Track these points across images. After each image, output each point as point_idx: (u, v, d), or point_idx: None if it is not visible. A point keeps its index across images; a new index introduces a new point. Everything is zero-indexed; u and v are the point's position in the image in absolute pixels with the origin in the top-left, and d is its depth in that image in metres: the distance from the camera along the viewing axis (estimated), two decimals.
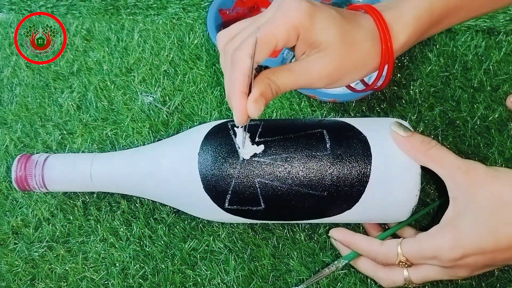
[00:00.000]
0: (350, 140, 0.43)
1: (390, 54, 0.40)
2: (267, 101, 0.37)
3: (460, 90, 0.56)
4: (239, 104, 0.36)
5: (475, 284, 0.46)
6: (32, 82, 0.58)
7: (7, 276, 0.47)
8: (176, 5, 0.64)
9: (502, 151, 0.52)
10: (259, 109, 0.36)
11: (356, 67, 0.40)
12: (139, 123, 0.55)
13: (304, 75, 0.38)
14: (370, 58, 0.40)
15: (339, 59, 0.38)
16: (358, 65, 0.40)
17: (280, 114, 0.55)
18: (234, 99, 0.36)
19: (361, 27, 0.39)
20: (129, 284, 0.47)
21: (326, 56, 0.38)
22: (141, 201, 0.51)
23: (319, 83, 0.39)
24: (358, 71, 0.40)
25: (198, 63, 0.59)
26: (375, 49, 0.40)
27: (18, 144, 0.54)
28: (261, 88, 0.36)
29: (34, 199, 0.51)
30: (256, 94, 0.36)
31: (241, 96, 0.36)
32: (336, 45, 0.38)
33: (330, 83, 0.39)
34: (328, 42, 0.37)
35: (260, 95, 0.36)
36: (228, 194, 0.42)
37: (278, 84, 0.37)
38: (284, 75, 0.38)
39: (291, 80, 0.38)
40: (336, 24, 0.38)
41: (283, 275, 0.47)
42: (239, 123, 0.37)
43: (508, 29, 0.60)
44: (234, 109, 0.37)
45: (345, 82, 0.41)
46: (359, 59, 0.39)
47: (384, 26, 0.39)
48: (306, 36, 0.37)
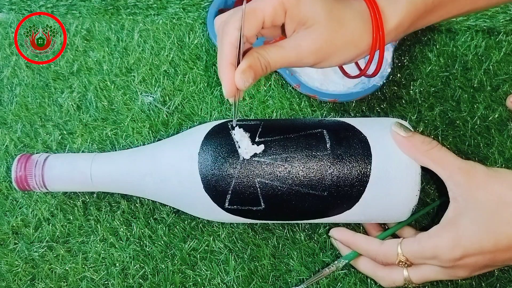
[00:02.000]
0: (350, 140, 0.43)
1: (382, 36, 0.40)
2: (256, 74, 0.37)
3: (460, 90, 0.56)
4: (227, 75, 0.37)
5: (475, 284, 0.46)
6: (32, 82, 0.58)
7: (7, 276, 0.47)
8: (176, 5, 0.64)
9: (502, 151, 0.52)
10: (246, 80, 0.37)
11: (345, 45, 0.40)
12: (139, 123, 0.55)
13: (293, 51, 0.39)
14: (360, 37, 0.40)
15: (327, 35, 0.38)
16: (348, 43, 0.40)
17: (280, 114, 0.55)
18: (222, 70, 0.37)
19: (351, 6, 0.40)
20: (129, 284, 0.47)
21: (314, 31, 0.38)
22: (141, 201, 0.51)
23: (308, 58, 0.39)
24: (348, 49, 0.40)
25: (198, 63, 0.59)
26: (365, 29, 0.40)
27: (18, 144, 0.54)
28: (249, 60, 0.37)
29: (34, 199, 0.51)
30: (243, 65, 0.37)
31: (229, 67, 0.37)
32: (324, 21, 0.38)
33: (320, 59, 0.40)
34: (316, 18, 0.38)
35: (248, 66, 0.37)
36: (228, 194, 0.42)
37: (267, 59, 0.38)
38: (274, 50, 0.38)
39: (280, 55, 0.38)
40: (324, 1, 0.38)
41: (283, 275, 0.47)
42: (227, 95, 0.38)
43: (508, 29, 0.60)
44: (222, 80, 0.38)
45: (336, 61, 0.41)
46: (348, 37, 0.39)
47: (375, 7, 0.39)
48: (293, 13, 0.38)
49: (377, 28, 0.40)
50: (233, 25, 0.37)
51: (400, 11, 0.40)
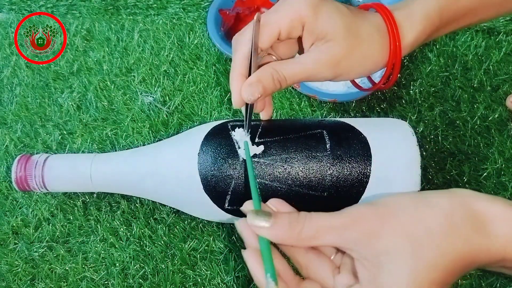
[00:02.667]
0: (350, 140, 0.43)
1: (399, 51, 0.40)
2: (266, 89, 0.37)
3: (460, 90, 0.56)
4: (235, 85, 0.37)
5: (475, 284, 0.46)
6: (32, 82, 0.58)
7: (7, 276, 0.48)
8: (176, 5, 0.64)
9: (502, 151, 0.52)
10: (252, 93, 0.37)
11: (363, 60, 0.39)
12: (139, 123, 0.55)
13: (311, 65, 0.38)
14: (378, 52, 0.40)
15: (346, 49, 0.38)
16: (366, 57, 0.39)
17: (280, 114, 0.55)
18: (232, 80, 0.38)
19: (369, 21, 0.40)
20: (129, 284, 0.47)
21: (334, 46, 0.38)
22: (141, 201, 0.51)
23: (326, 72, 0.39)
24: (365, 64, 0.40)
25: (198, 63, 0.59)
26: (383, 44, 0.39)
27: (18, 144, 0.54)
28: (260, 74, 0.37)
29: (34, 199, 0.51)
30: (252, 78, 0.37)
31: (239, 77, 0.37)
32: (343, 36, 0.38)
33: (338, 74, 0.39)
34: (334, 32, 0.38)
35: (257, 80, 0.37)
36: (228, 195, 0.42)
37: (283, 74, 0.38)
38: (291, 65, 0.38)
39: (298, 69, 0.38)
40: (342, 15, 0.38)
41: None
42: (234, 105, 0.38)
43: (508, 29, 0.60)
44: (231, 89, 0.38)
45: (352, 76, 0.40)
46: (366, 51, 0.39)
47: (393, 22, 0.39)
48: (311, 27, 0.38)
49: (394, 43, 0.39)
50: (247, 36, 0.37)
51: (416, 27, 0.40)
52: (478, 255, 0.30)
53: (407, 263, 0.29)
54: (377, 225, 0.30)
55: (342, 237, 0.31)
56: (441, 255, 0.29)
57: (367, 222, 0.30)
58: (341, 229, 0.31)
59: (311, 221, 0.31)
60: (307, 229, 0.31)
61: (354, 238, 0.30)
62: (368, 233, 0.30)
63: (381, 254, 0.29)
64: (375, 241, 0.30)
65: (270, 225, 0.31)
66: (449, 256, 0.29)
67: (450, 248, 0.29)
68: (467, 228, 0.30)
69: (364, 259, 0.30)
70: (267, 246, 0.31)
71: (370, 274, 0.30)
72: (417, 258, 0.29)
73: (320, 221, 0.31)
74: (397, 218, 0.30)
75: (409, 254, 0.29)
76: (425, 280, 0.29)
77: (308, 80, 0.40)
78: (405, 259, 0.29)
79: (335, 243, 0.31)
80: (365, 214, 0.31)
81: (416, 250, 0.29)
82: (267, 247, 0.31)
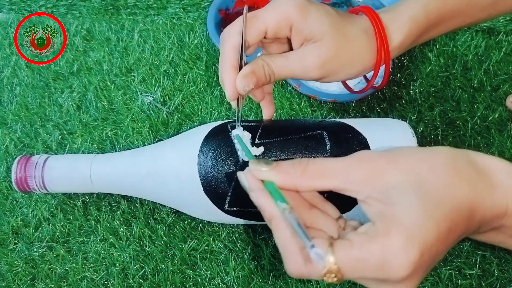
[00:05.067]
0: (350, 141, 0.43)
1: (386, 51, 0.40)
2: (258, 81, 0.37)
3: (460, 90, 0.56)
4: (229, 77, 0.37)
5: (475, 284, 0.46)
6: (32, 82, 0.58)
7: (7, 276, 0.48)
8: (176, 5, 0.64)
9: (502, 151, 0.52)
10: (247, 85, 0.37)
11: (351, 61, 0.40)
12: (139, 123, 0.55)
13: (299, 63, 0.39)
14: (366, 53, 0.40)
15: (334, 50, 0.38)
16: (353, 59, 0.40)
17: (280, 114, 0.55)
18: (224, 73, 0.38)
19: (357, 24, 0.40)
20: (129, 284, 0.47)
21: (321, 46, 0.38)
22: (141, 201, 0.51)
23: (314, 72, 0.39)
24: (353, 65, 0.40)
25: (198, 63, 0.59)
26: (371, 45, 0.40)
27: (18, 144, 0.55)
28: (253, 66, 0.37)
29: (34, 199, 0.51)
30: (247, 69, 0.37)
31: (231, 69, 0.37)
32: (331, 36, 0.38)
33: (326, 74, 0.39)
34: (322, 33, 0.38)
35: (251, 71, 0.37)
36: (228, 196, 0.42)
37: (272, 68, 0.38)
38: (280, 60, 0.39)
39: (285, 65, 0.38)
40: (330, 17, 0.39)
41: (283, 275, 0.47)
42: (230, 98, 0.38)
43: (508, 29, 0.60)
44: (224, 82, 0.38)
45: (341, 76, 0.41)
46: (354, 53, 0.40)
47: (379, 24, 0.40)
48: (299, 28, 0.38)
49: (381, 44, 0.40)
50: (235, 29, 0.38)
51: (403, 29, 0.40)
52: (482, 203, 0.30)
53: (416, 195, 0.29)
54: (382, 163, 0.30)
55: (346, 177, 0.31)
56: (446, 193, 0.29)
57: (372, 162, 0.31)
58: (346, 170, 0.31)
59: (315, 162, 0.32)
60: (310, 167, 0.31)
61: (359, 178, 0.30)
62: (372, 172, 0.30)
63: (388, 190, 0.29)
64: (380, 178, 0.30)
65: (273, 167, 0.32)
66: (455, 194, 0.29)
67: (456, 187, 0.29)
68: (471, 172, 0.30)
69: (369, 198, 0.30)
70: (273, 185, 0.31)
71: (379, 210, 0.29)
72: (424, 192, 0.29)
73: (324, 162, 0.32)
74: (401, 158, 0.31)
75: (416, 189, 0.29)
76: (435, 213, 0.28)
77: (296, 78, 0.40)
78: (413, 192, 0.29)
79: (339, 184, 0.31)
80: (370, 155, 0.31)
81: (423, 186, 0.29)
82: (273, 185, 0.31)
